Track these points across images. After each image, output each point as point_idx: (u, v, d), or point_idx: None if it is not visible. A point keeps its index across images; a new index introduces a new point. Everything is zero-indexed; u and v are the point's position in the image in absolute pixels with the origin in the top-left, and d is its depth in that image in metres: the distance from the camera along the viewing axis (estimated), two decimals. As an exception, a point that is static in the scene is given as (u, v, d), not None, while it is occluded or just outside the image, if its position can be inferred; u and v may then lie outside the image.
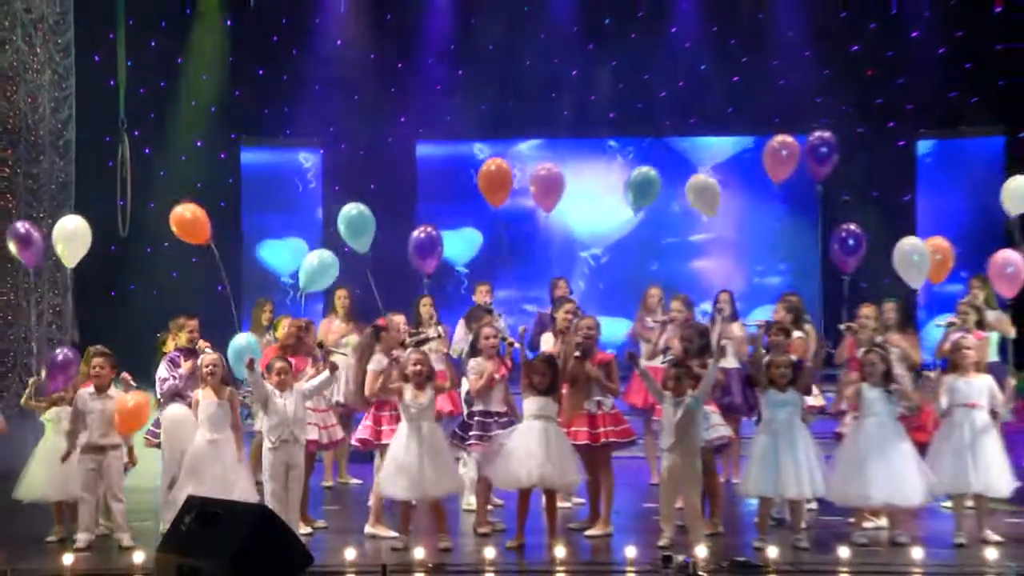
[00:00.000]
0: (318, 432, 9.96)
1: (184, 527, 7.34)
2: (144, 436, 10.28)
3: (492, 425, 9.55)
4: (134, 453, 9.72)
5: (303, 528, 9.41)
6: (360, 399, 9.77)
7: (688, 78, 17.13)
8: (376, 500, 9.54)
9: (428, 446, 9.01)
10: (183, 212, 10.74)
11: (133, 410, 9.36)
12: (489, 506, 9.97)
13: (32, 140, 13.93)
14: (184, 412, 9.74)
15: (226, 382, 9.50)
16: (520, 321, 12.18)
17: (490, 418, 9.60)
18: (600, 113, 17.32)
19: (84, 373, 9.64)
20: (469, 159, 17.55)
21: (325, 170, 17.59)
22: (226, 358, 9.79)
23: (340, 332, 11.88)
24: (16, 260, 11.75)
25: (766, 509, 9.24)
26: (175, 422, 9.76)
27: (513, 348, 9.87)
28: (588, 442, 9.43)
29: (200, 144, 16.60)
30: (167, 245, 15.17)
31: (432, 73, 17.32)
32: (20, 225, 11.18)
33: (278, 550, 7.17)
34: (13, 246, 11.02)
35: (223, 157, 16.89)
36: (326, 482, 11.89)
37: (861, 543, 9.03)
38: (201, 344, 10.11)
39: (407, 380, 9.12)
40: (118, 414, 9.30)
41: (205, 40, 16.60)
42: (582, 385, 9.53)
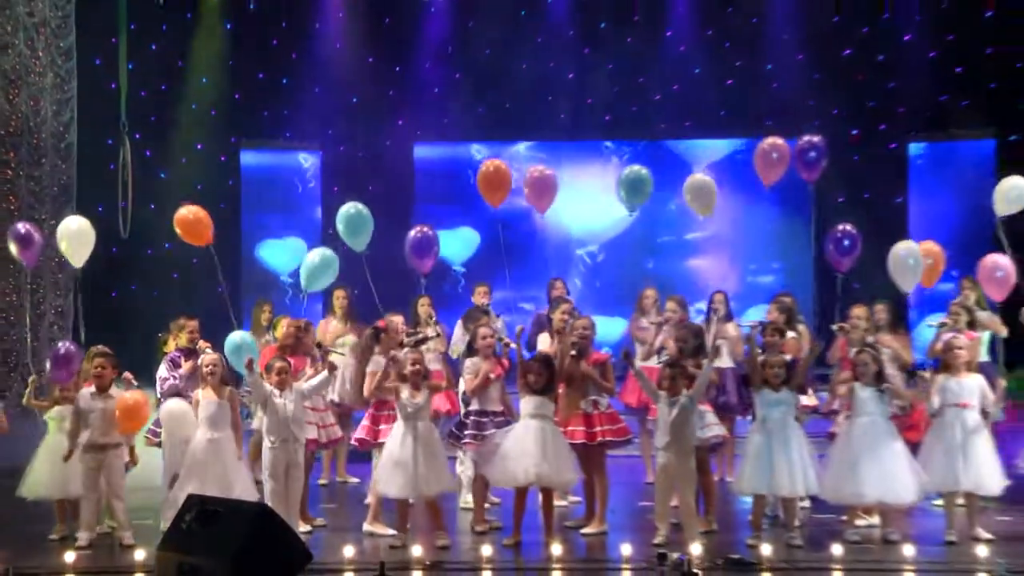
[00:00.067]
0: (317, 431, 9.96)
1: (185, 525, 7.35)
2: (145, 435, 10.27)
3: (488, 424, 9.54)
4: (135, 453, 9.71)
5: (302, 526, 9.40)
6: (359, 399, 9.82)
7: (683, 81, 17.16)
8: (375, 498, 9.54)
9: (424, 445, 9.01)
10: (186, 213, 10.73)
11: (133, 407, 9.34)
12: (486, 504, 9.97)
13: (34, 143, 13.93)
14: (183, 406, 9.75)
15: (226, 382, 9.51)
16: (517, 320, 12.18)
17: (486, 417, 9.60)
18: (596, 116, 17.33)
19: (86, 373, 9.63)
20: (466, 160, 17.58)
21: (324, 172, 17.61)
22: (224, 356, 9.80)
23: (336, 332, 11.88)
24: (18, 261, 11.73)
25: (760, 507, 9.24)
26: (174, 416, 9.75)
27: (510, 349, 9.86)
28: (584, 441, 9.43)
29: (200, 147, 16.62)
30: (168, 247, 15.23)
31: (429, 76, 17.34)
32: (21, 226, 11.16)
33: (278, 548, 7.17)
34: (13, 246, 11.01)
35: (223, 159, 16.89)
36: (322, 480, 11.91)
37: (854, 541, 9.03)
38: (201, 344, 10.12)
39: (404, 380, 9.12)
40: (119, 412, 9.30)
41: (205, 44, 16.61)
42: (578, 384, 9.54)
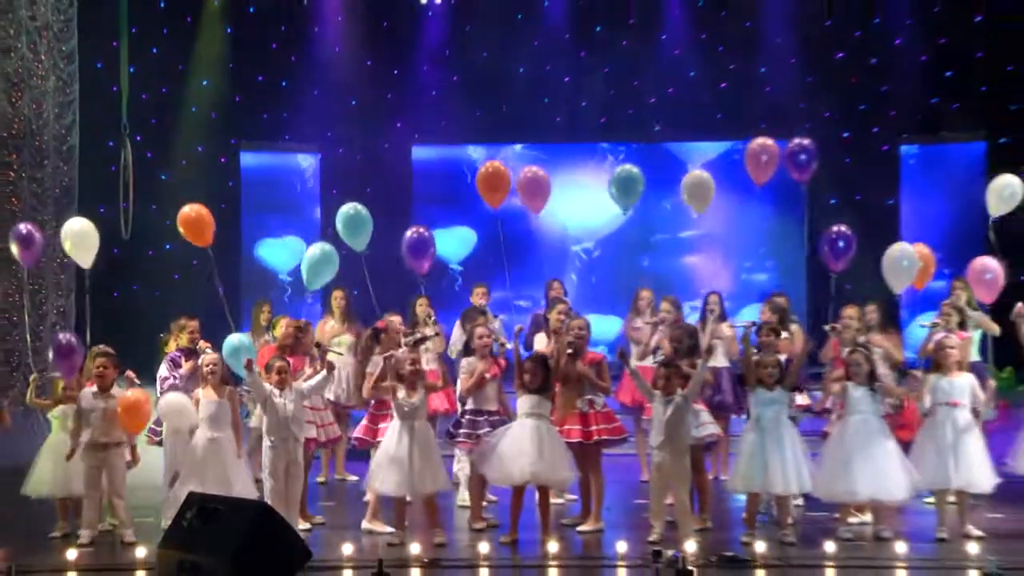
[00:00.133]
0: (316, 430, 9.96)
1: (185, 523, 7.34)
2: (145, 434, 10.26)
3: (482, 423, 9.57)
4: (136, 452, 9.71)
5: (302, 524, 9.41)
6: (359, 399, 9.87)
7: (677, 84, 17.15)
8: (373, 496, 9.55)
9: (419, 443, 9.02)
10: (190, 211, 10.72)
11: (134, 405, 9.35)
12: (484, 502, 9.97)
13: (36, 145, 13.92)
14: (182, 398, 9.77)
15: (226, 381, 9.52)
16: (513, 318, 12.19)
17: (480, 416, 9.63)
18: (592, 118, 17.33)
19: (88, 372, 9.63)
20: (463, 162, 17.61)
21: (323, 173, 17.61)
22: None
23: (334, 332, 11.91)
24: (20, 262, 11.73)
25: (754, 505, 9.25)
26: (173, 408, 9.76)
27: (506, 349, 9.87)
28: (581, 440, 9.44)
29: (201, 149, 16.61)
30: (169, 247, 15.23)
31: (427, 79, 17.33)
32: (23, 226, 11.15)
33: (278, 545, 7.17)
34: (14, 247, 11.00)
35: (223, 161, 16.88)
36: (321, 478, 11.91)
37: (846, 538, 9.04)
38: (201, 344, 10.13)
39: (400, 380, 9.12)
40: (121, 410, 9.30)
41: (206, 47, 16.58)
42: (574, 384, 9.55)
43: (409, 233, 11.11)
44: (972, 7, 15.99)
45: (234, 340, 9.85)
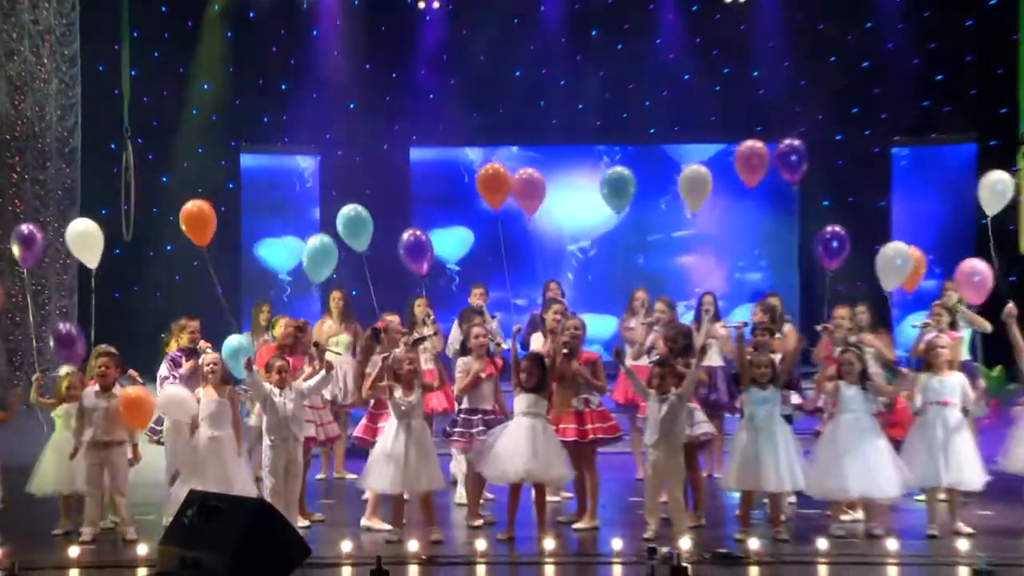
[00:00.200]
0: (315, 429, 9.97)
1: (186, 521, 7.34)
2: (146, 433, 10.26)
3: (476, 422, 9.59)
4: (138, 450, 9.70)
5: (301, 521, 9.40)
6: (359, 398, 9.90)
7: (672, 87, 17.15)
8: (372, 494, 9.55)
9: (416, 442, 9.02)
10: (192, 207, 10.71)
11: (136, 401, 9.35)
12: (481, 500, 9.97)
13: (39, 147, 13.92)
14: (181, 391, 9.79)
15: (226, 381, 9.52)
16: (511, 316, 12.19)
17: (475, 415, 9.64)
18: (587, 121, 17.34)
19: (90, 372, 9.64)
20: (461, 163, 17.63)
21: (322, 175, 17.60)
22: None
23: (331, 332, 11.93)
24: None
25: (747, 502, 9.26)
26: (173, 401, 9.77)
27: (502, 349, 9.88)
28: (576, 438, 9.44)
29: (201, 151, 16.60)
30: (170, 249, 15.24)
31: (425, 82, 17.33)
32: (24, 227, 11.15)
33: (277, 543, 7.17)
34: (16, 247, 11.00)
35: (224, 163, 16.87)
36: (320, 475, 11.92)
37: (838, 535, 9.04)
38: (202, 344, 10.13)
39: (397, 379, 9.13)
40: (122, 406, 9.30)
41: (207, 51, 16.58)
42: (570, 383, 9.55)
43: (406, 236, 11.11)
44: (962, 12, 16.00)
45: (234, 342, 9.86)
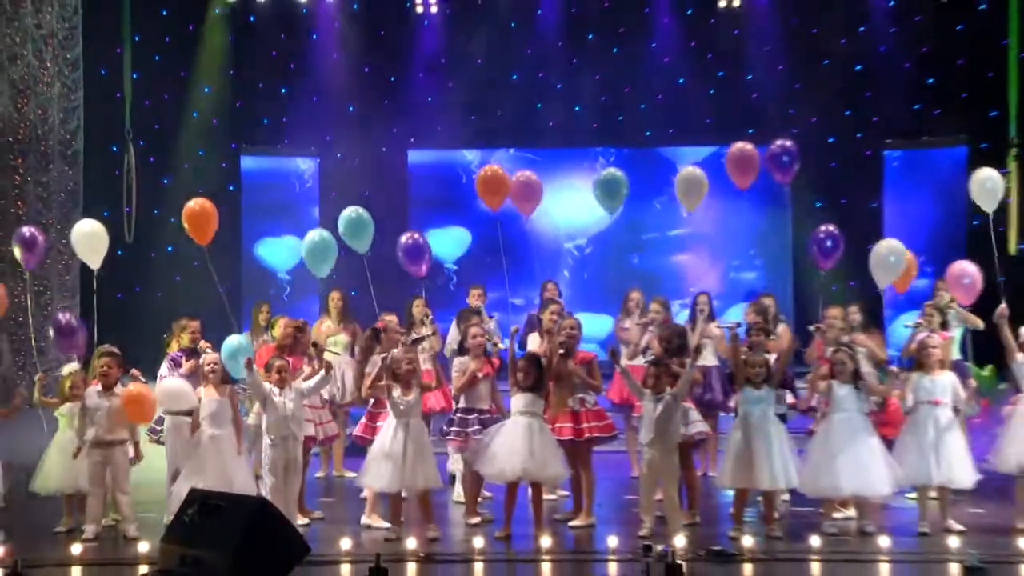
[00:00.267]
0: (314, 428, 9.96)
1: (187, 519, 7.33)
2: (146, 433, 10.26)
3: (472, 421, 9.60)
4: (139, 449, 9.70)
5: (300, 519, 9.40)
6: (359, 398, 9.92)
7: (667, 91, 17.17)
8: (372, 492, 9.55)
9: (414, 441, 9.02)
10: (194, 205, 10.69)
11: (137, 397, 9.35)
12: (479, 498, 9.97)
13: (42, 150, 13.91)
14: (180, 382, 9.81)
15: (227, 380, 9.52)
16: (507, 315, 12.20)
17: (471, 415, 9.65)
18: (584, 123, 17.35)
19: (93, 371, 9.63)
20: (459, 164, 17.65)
21: (321, 177, 17.60)
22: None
23: (329, 332, 11.95)
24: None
25: (741, 500, 9.26)
26: (172, 393, 9.79)
27: (499, 349, 9.88)
28: (572, 437, 9.44)
29: (202, 153, 16.59)
30: (171, 250, 15.24)
31: (423, 85, 17.33)
32: (26, 229, 11.14)
33: (277, 540, 7.17)
34: (17, 249, 10.99)
35: (224, 165, 16.87)
36: (320, 473, 11.92)
37: (831, 532, 9.05)
38: (202, 344, 10.14)
39: (396, 379, 9.13)
40: (124, 402, 9.30)
41: (207, 54, 16.58)
42: (566, 382, 9.55)
43: (404, 239, 11.09)
44: (953, 16, 16.02)
45: (233, 342, 9.85)
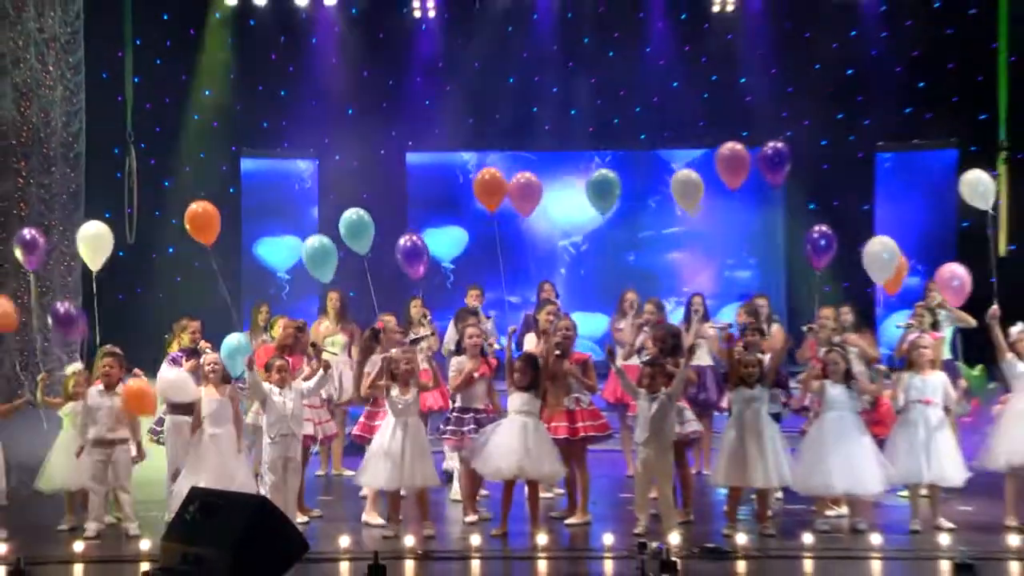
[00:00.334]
0: (313, 427, 9.97)
1: (188, 517, 7.33)
2: (148, 433, 10.26)
3: (468, 420, 9.60)
4: (142, 447, 9.70)
5: (300, 517, 9.40)
6: (358, 397, 9.92)
7: (661, 94, 17.17)
8: (371, 491, 9.55)
9: (412, 439, 9.04)
10: (196, 208, 10.68)
11: (138, 392, 9.34)
12: (477, 496, 9.97)
13: (44, 152, 13.89)
14: (181, 374, 9.80)
15: (227, 380, 9.52)
16: (504, 313, 12.20)
17: (467, 414, 9.65)
18: (579, 126, 17.35)
19: (95, 371, 9.63)
20: (456, 165, 17.68)
21: (320, 179, 17.60)
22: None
23: (327, 332, 11.95)
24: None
25: (735, 499, 9.26)
26: (173, 384, 9.80)
27: (495, 350, 9.88)
28: (567, 436, 9.44)
29: (203, 156, 16.58)
30: (172, 251, 15.23)
31: (421, 89, 17.34)
32: (27, 231, 11.13)
33: (276, 538, 7.16)
34: (19, 251, 10.99)
35: (224, 168, 16.86)
36: (319, 472, 11.91)
37: (823, 530, 9.06)
38: (202, 344, 10.14)
39: (394, 378, 9.13)
40: (125, 397, 9.29)
41: (208, 58, 16.57)
42: (562, 382, 9.56)
43: (402, 241, 11.09)
44: (943, 21, 16.03)
45: (233, 341, 9.85)
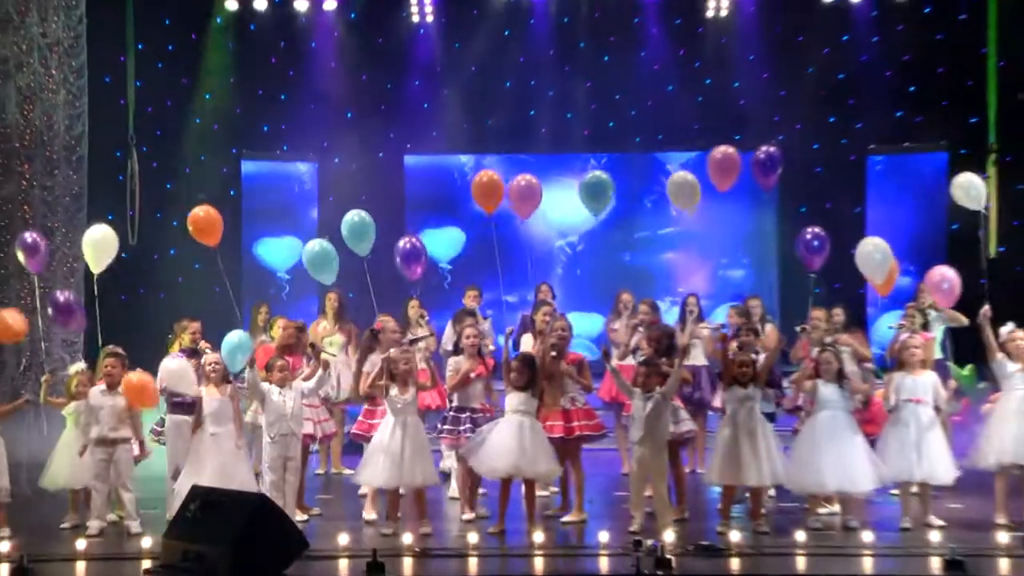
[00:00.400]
0: (312, 426, 9.97)
1: (189, 515, 7.34)
2: (149, 432, 10.25)
3: (464, 420, 9.62)
4: (144, 445, 9.69)
5: (299, 515, 9.39)
6: (357, 396, 9.93)
7: (656, 98, 17.17)
8: (371, 489, 9.55)
9: (411, 438, 9.04)
10: (198, 211, 10.67)
11: (136, 384, 9.33)
12: (475, 495, 9.96)
13: (47, 155, 13.87)
14: (182, 362, 9.79)
15: (228, 379, 9.51)
16: (502, 313, 12.21)
17: (463, 414, 9.66)
18: (575, 130, 17.36)
19: (98, 371, 9.63)
20: (454, 170, 17.68)
21: (320, 181, 17.60)
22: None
23: (325, 333, 11.95)
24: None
25: (729, 497, 9.26)
26: (175, 374, 9.80)
27: (491, 350, 9.90)
28: (563, 435, 9.45)
29: (204, 158, 16.57)
30: (173, 252, 15.21)
31: (419, 92, 17.34)
32: (28, 235, 11.13)
33: (276, 536, 7.18)
34: (21, 254, 10.98)
35: (225, 170, 16.85)
36: (319, 470, 11.91)
37: (816, 527, 9.06)
38: (202, 344, 10.13)
39: (393, 378, 9.12)
40: (125, 389, 9.28)
41: (209, 62, 16.56)
42: (558, 382, 9.57)
43: (402, 243, 11.09)
44: (933, 26, 16.05)
45: (234, 338, 9.84)
